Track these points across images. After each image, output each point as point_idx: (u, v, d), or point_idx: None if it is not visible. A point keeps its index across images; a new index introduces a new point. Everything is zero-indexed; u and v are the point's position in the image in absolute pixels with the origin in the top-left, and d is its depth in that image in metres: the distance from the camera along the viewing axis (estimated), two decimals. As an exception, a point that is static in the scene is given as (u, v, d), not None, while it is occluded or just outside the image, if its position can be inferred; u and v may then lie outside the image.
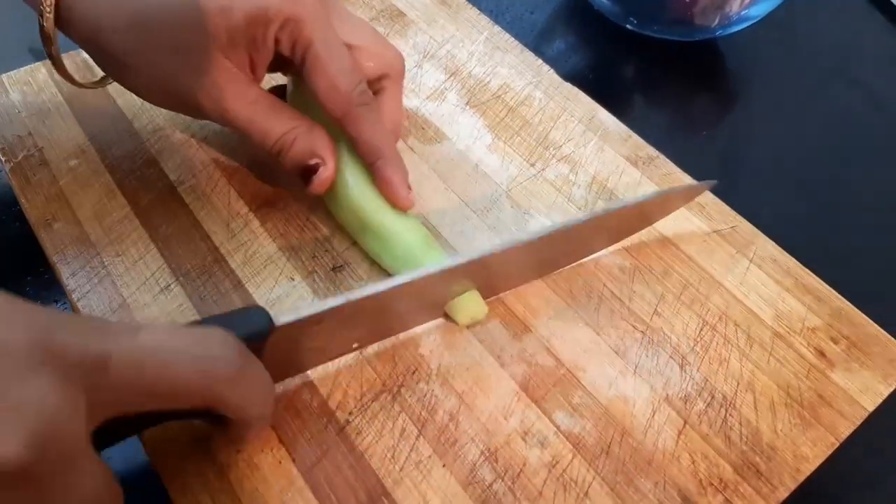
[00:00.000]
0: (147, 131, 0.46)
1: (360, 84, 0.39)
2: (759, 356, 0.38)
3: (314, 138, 0.39)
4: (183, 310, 0.38)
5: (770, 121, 0.54)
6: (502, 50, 0.53)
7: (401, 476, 0.33)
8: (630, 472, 0.34)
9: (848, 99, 0.57)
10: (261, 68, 0.38)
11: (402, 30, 0.54)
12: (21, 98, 0.47)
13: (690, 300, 0.40)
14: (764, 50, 0.60)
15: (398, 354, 0.37)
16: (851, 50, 0.61)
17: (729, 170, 0.50)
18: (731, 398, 0.36)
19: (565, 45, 0.59)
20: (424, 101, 0.49)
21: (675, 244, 0.42)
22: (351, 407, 0.35)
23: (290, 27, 0.36)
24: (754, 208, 0.44)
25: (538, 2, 0.62)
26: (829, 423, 0.36)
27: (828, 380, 0.37)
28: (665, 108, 0.56)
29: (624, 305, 0.39)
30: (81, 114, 0.47)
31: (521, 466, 0.34)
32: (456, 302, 0.38)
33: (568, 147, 0.47)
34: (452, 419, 0.35)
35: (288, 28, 0.36)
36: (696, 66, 0.58)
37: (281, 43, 0.37)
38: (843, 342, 0.39)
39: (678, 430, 0.35)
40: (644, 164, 0.46)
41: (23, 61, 0.49)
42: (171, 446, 0.34)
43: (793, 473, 0.34)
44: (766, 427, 0.36)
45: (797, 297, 0.40)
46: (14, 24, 0.38)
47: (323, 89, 0.38)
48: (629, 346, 0.38)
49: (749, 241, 0.42)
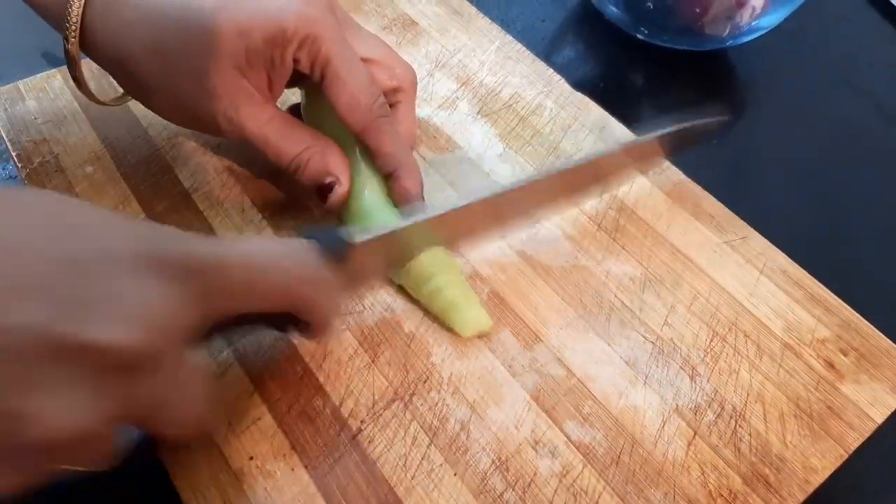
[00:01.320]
0: (162, 138, 0.47)
1: (380, 97, 0.39)
2: (769, 367, 0.38)
3: (328, 157, 0.40)
4: (197, 317, 0.38)
5: (780, 131, 0.55)
6: (514, 59, 0.53)
7: (412, 484, 0.34)
8: (640, 482, 0.34)
9: (858, 109, 0.57)
10: (278, 86, 0.39)
11: (414, 39, 0.54)
12: (37, 105, 0.48)
13: (700, 311, 0.40)
14: (774, 60, 0.60)
15: (410, 363, 0.37)
16: (862, 61, 0.61)
17: (739, 180, 0.51)
18: (740, 409, 0.37)
19: (576, 55, 0.59)
20: (436, 110, 0.50)
21: (685, 254, 0.42)
22: (363, 415, 0.36)
23: (308, 46, 0.37)
24: (764, 219, 0.44)
25: (549, 11, 0.62)
26: (839, 435, 0.36)
27: (837, 391, 0.37)
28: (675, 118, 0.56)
29: (634, 316, 0.40)
30: (97, 120, 0.47)
31: (531, 476, 0.34)
32: (460, 316, 0.38)
33: (579, 157, 0.47)
34: (464, 428, 0.35)
35: (306, 47, 0.37)
36: (705, 75, 0.59)
37: (300, 62, 0.38)
38: (853, 354, 0.39)
39: (688, 441, 0.35)
40: (654, 173, 0.46)
41: (38, 68, 0.50)
42: (185, 453, 0.34)
43: (802, 485, 0.34)
44: (775, 438, 0.36)
45: (807, 309, 0.40)
46: (29, 32, 0.39)
47: (344, 104, 0.38)
48: (639, 356, 0.38)
49: (759, 251, 0.43)
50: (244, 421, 0.35)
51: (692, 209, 0.44)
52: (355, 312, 0.39)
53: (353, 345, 0.38)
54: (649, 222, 0.44)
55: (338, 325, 0.38)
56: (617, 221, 0.44)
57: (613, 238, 0.43)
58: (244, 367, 0.37)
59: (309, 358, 0.37)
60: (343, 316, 0.38)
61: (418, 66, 0.52)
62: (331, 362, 0.37)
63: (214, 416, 0.30)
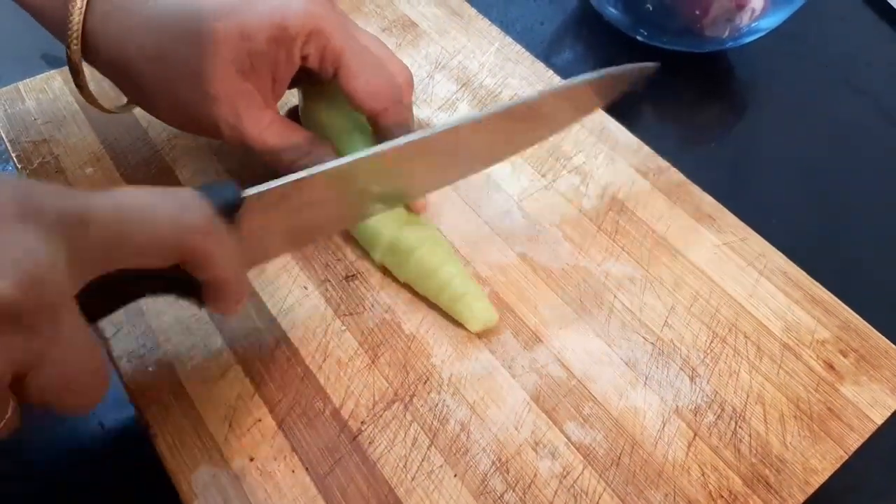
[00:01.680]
0: (162, 139, 0.47)
1: (395, 81, 0.40)
2: (769, 368, 0.38)
3: None
4: (197, 318, 0.39)
5: (779, 132, 0.55)
6: (513, 61, 0.53)
7: (413, 485, 0.34)
8: (640, 483, 0.34)
9: (857, 110, 0.57)
10: (282, 86, 0.39)
11: (414, 40, 0.54)
12: (37, 105, 0.48)
13: (700, 312, 0.40)
14: (773, 61, 0.60)
15: (410, 364, 0.37)
16: (860, 61, 0.61)
17: (739, 181, 0.51)
18: (740, 410, 0.37)
19: (575, 56, 0.59)
20: (436, 112, 0.50)
21: (685, 256, 0.42)
22: (363, 416, 0.36)
23: (315, 41, 0.37)
24: (764, 220, 0.44)
25: (548, 13, 0.62)
26: (838, 436, 0.36)
27: (837, 392, 0.37)
28: (675, 120, 0.56)
29: (635, 317, 0.40)
30: (97, 122, 0.47)
31: (531, 477, 0.34)
32: (467, 309, 0.38)
33: (579, 158, 0.47)
34: (464, 429, 0.35)
35: (313, 42, 0.37)
36: (705, 77, 0.59)
37: (309, 58, 0.38)
38: (853, 355, 0.39)
39: (688, 442, 0.35)
40: (654, 175, 0.46)
41: (38, 69, 0.50)
42: (184, 454, 0.34)
43: (802, 486, 0.34)
44: (775, 439, 0.36)
45: (806, 310, 0.40)
46: (29, 34, 0.39)
47: (362, 92, 0.39)
48: (640, 357, 0.38)
49: (759, 252, 0.43)
50: (245, 422, 0.35)
51: (692, 211, 0.44)
52: (355, 314, 0.39)
53: (354, 346, 0.38)
54: (649, 224, 0.44)
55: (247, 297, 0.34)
56: (617, 223, 0.44)
57: (613, 239, 0.43)
58: (245, 369, 0.37)
59: (309, 359, 0.37)
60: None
61: (418, 68, 0.52)
62: (331, 363, 0.37)
63: (97, 385, 0.28)
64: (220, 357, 0.37)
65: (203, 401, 0.36)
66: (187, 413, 0.35)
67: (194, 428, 0.35)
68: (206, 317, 0.39)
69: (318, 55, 0.38)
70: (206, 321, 0.38)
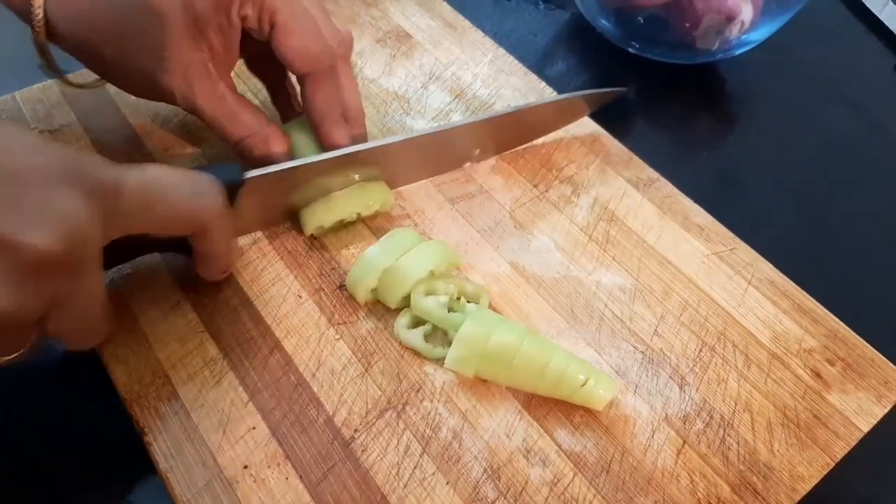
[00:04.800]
0: (158, 150, 0.47)
1: (328, 46, 0.40)
2: (757, 377, 0.39)
3: (271, 144, 0.42)
4: (192, 326, 0.39)
5: (769, 143, 0.55)
6: (506, 72, 0.54)
7: (405, 493, 0.34)
8: (630, 490, 0.35)
9: (846, 121, 0.58)
10: (231, 54, 0.40)
11: (409, 51, 0.55)
12: (33, 115, 0.48)
13: (690, 321, 0.41)
14: (763, 73, 0.61)
15: (403, 372, 0.38)
16: (850, 73, 0.62)
17: (727, 192, 0.51)
18: (729, 418, 0.37)
19: (567, 68, 0.60)
20: (430, 122, 0.50)
21: (674, 265, 0.43)
22: (356, 423, 0.36)
23: (251, 1, 0.38)
24: (753, 230, 0.45)
25: (541, 25, 0.63)
26: (825, 444, 0.37)
27: (824, 401, 0.38)
28: (666, 131, 0.56)
29: (625, 326, 0.40)
30: (94, 132, 0.48)
31: (523, 485, 0.34)
32: (594, 394, 0.36)
33: (570, 169, 0.48)
34: (456, 437, 0.36)
35: (249, 2, 0.38)
36: (696, 89, 0.59)
37: (248, 18, 0.39)
38: (839, 364, 0.39)
39: (677, 450, 0.36)
40: (645, 186, 0.47)
41: (34, 80, 0.50)
42: (179, 461, 0.34)
43: (789, 493, 0.35)
44: (763, 447, 0.36)
45: (794, 319, 0.41)
46: (25, 43, 0.39)
47: (291, 51, 0.40)
48: (629, 365, 0.39)
49: (747, 262, 0.43)
50: (239, 430, 0.36)
51: (681, 221, 0.45)
52: (349, 322, 0.40)
53: (347, 354, 0.38)
54: (639, 233, 0.44)
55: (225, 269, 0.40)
56: (608, 233, 0.44)
57: (604, 249, 0.43)
58: (239, 377, 0.37)
59: (303, 367, 0.38)
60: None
61: (412, 79, 0.53)
62: (325, 372, 0.38)
63: (105, 325, 0.34)
64: (214, 365, 0.38)
65: (197, 408, 0.36)
66: (182, 420, 0.36)
67: (188, 435, 0.35)
68: (200, 326, 0.39)
69: (255, 14, 0.39)
70: (201, 330, 0.39)
